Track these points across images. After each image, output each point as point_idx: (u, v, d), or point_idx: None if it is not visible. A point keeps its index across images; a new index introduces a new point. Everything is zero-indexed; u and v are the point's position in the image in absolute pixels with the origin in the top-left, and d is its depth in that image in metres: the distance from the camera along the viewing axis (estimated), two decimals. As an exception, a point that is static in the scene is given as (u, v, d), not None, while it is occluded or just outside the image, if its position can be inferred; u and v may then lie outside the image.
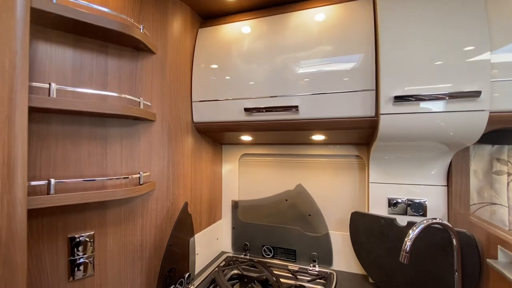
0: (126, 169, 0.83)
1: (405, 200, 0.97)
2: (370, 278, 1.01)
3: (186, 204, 0.91)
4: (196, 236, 1.06)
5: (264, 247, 1.22)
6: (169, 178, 0.94)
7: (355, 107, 0.83)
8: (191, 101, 1.05)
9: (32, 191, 0.64)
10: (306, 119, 0.89)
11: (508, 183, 0.92)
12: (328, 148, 1.15)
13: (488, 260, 0.64)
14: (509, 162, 0.92)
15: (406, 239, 0.68)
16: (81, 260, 0.75)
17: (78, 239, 0.74)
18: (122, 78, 0.83)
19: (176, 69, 0.98)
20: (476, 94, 0.66)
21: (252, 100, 0.95)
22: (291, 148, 1.21)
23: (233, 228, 1.29)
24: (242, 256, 1.24)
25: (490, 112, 0.68)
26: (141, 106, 0.84)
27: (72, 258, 0.74)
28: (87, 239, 0.76)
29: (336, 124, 0.87)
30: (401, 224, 0.90)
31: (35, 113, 0.65)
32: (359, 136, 0.97)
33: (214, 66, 1.02)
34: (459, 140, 0.75)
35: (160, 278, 0.78)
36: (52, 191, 0.63)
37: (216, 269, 1.11)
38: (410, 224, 0.89)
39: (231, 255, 1.26)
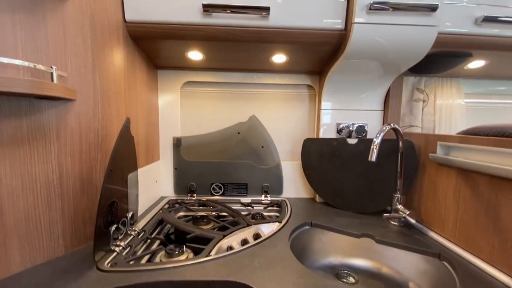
0: (26, 56, 0.53)
1: (350, 124, 1.05)
2: (317, 199, 1.09)
3: (128, 121, 0.68)
4: (139, 171, 0.84)
5: (213, 185, 1.12)
6: (95, 90, 0.68)
7: (326, 15, 0.78)
8: (121, -9, 0.76)
9: None
10: (275, 27, 0.79)
11: (422, 108, 1.12)
12: (282, 76, 1.11)
13: (430, 154, 0.76)
14: (425, 91, 1.12)
15: (372, 147, 0.72)
16: (-49, 197, 0.46)
17: None
18: None
19: None
20: (434, 9, 0.72)
21: (211, -3, 0.76)
22: (242, 77, 1.10)
23: (175, 168, 1.12)
24: (188, 197, 1.10)
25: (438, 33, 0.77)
26: (45, -38, 0.53)
27: None
28: (-41, 165, 0.46)
29: (305, 36, 0.81)
30: (352, 142, 0.98)
31: None
32: (319, 59, 0.96)
33: None
34: (408, 57, 0.83)
35: (100, 214, 0.57)
36: None
37: (161, 211, 0.94)
38: (360, 141, 0.98)
39: (174, 198, 1.10)
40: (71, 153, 0.63)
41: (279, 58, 0.95)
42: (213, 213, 0.99)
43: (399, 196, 0.84)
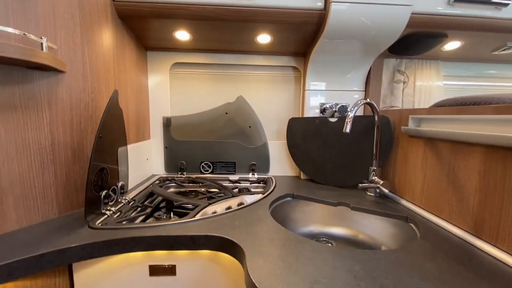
0: (16, 28, 0.56)
1: (333, 105, 1.10)
2: (302, 176, 1.14)
3: (116, 93, 0.72)
4: (129, 147, 0.89)
5: (203, 164, 1.17)
6: (85, 65, 0.71)
7: (307, -4, 0.82)
8: (108, -30, 0.79)
9: None
10: (257, 6, 0.82)
11: (403, 89, 1.17)
12: (268, 58, 1.14)
13: (402, 127, 0.81)
14: (405, 72, 1.17)
15: (346, 120, 0.77)
16: (-50, 155, 0.50)
17: None
18: None
19: None
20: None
21: (194, -23, 0.79)
22: (230, 58, 1.13)
23: (165, 147, 1.16)
24: (178, 175, 1.15)
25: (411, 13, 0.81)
26: None
27: None
28: (-44, 126, 0.50)
29: (286, 15, 0.84)
30: (333, 121, 1.03)
31: None
32: (302, 40, 0.99)
33: None
34: (384, 36, 0.87)
35: (90, 177, 0.62)
36: None
37: (151, 185, 0.99)
38: (340, 119, 1.03)
39: (165, 176, 1.15)
40: (62, 122, 0.67)
41: (263, 38, 0.99)
42: (202, 188, 1.04)
43: (375, 168, 0.90)
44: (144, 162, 1.09)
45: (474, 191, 0.57)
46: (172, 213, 0.80)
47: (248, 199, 0.88)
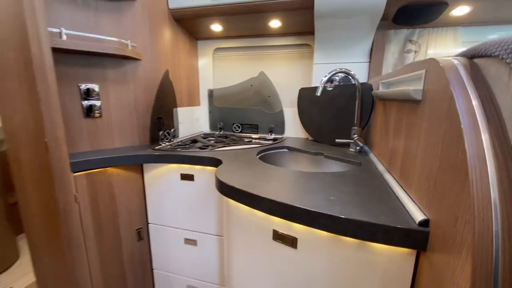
0: (114, 36, 1.04)
1: (338, 76, 1.26)
2: (309, 137, 1.37)
3: (167, 72, 1.16)
4: (179, 109, 1.35)
5: (234, 125, 1.55)
6: (152, 54, 1.17)
7: (298, -12, 1.03)
8: (166, -11, 1.21)
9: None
10: (262, 0, 1.09)
11: (414, 59, 1.21)
12: (285, 38, 1.38)
13: (372, 91, 0.96)
14: (417, 42, 1.20)
15: (319, 84, 0.98)
16: (91, 103, 1.02)
17: (87, 87, 1.00)
18: (103, -45, 0.97)
19: (150, -46, 1.11)
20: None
21: (217, -15, 1.12)
22: (255, 41, 1.43)
23: (209, 112, 1.59)
24: (218, 133, 1.57)
25: (390, -14, 0.92)
26: (122, -17, 1.00)
27: (84, 102, 1.01)
28: (94, 89, 1.02)
29: (284, 4, 1.08)
30: (329, 88, 1.22)
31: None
32: (306, 21, 1.20)
33: (184, -47, 1.15)
34: (369, 12, 1.00)
35: (152, 122, 1.08)
36: (62, 37, 0.86)
37: (196, 135, 1.44)
38: (335, 87, 1.20)
39: (208, 132, 1.59)
40: (140, 88, 1.15)
41: (274, 23, 1.24)
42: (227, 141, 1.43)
43: (355, 128, 1.07)
44: (195, 121, 1.55)
45: (392, 135, 0.74)
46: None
47: (255, 146, 1.20)
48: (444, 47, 1.16)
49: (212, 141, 1.37)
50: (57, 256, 0.92)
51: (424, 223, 0.44)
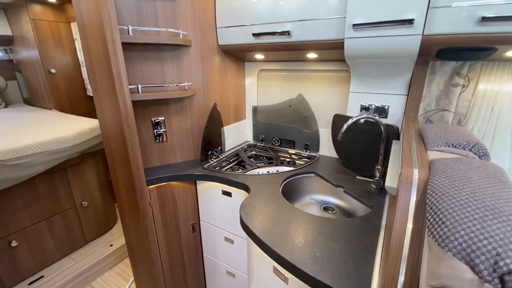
0: (176, 80, 1.31)
1: (373, 106, 1.28)
2: (340, 160, 1.46)
3: (215, 104, 1.40)
4: (225, 127, 1.59)
5: (274, 139, 1.72)
6: (204, 87, 1.41)
7: (330, 32, 1.08)
8: (216, 28, 1.39)
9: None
10: (296, 41, 1.18)
11: (460, 94, 1.13)
12: (323, 64, 1.43)
13: (394, 140, 1.00)
14: (467, 76, 1.11)
15: (341, 131, 1.06)
16: (160, 132, 1.35)
17: (156, 120, 1.32)
18: (167, 15, 1.20)
19: (203, 2, 1.29)
20: (410, 21, 0.87)
21: (257, 26, 1.25)
22: (295, 65, 1.52)
23: (253, 125, 1.80)
24: (259, 144, 1.78)
25: (424, 35, 0.89)
26: (181, 36, 1.23)
27: (155, 130, 1.34)
28: (161, 121, 1.34)
29: (319, 45, 1.14)
30: (361, 122, 1.26)
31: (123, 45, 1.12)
32: (340, 55, 1.23)
33: (231, -4, 1.29)
34: (402, 58, 0.99)
35: (203, 145, 1.36)
36: (140, 91, 1.16)
37: (239, 148, 1.68)
38: (365, 122, 1.24)
39: (251, 143, 1.81)
40: (194, 116, 1.42)
41: (311, 55, 1.31)
42: (265, 155, 1.63)
43: (378, 167, 1.13)
44: (240, 133, 1.79)
45: (392, 198, 0.82)
46: (239, 167, 1.46)
47: (285, 168, 1.38)
48: (498, 83, 1.04)
49: (253, 154, 1.59)
50: (138, 237, 1.34)
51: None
